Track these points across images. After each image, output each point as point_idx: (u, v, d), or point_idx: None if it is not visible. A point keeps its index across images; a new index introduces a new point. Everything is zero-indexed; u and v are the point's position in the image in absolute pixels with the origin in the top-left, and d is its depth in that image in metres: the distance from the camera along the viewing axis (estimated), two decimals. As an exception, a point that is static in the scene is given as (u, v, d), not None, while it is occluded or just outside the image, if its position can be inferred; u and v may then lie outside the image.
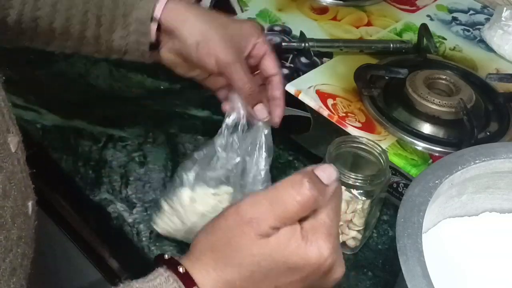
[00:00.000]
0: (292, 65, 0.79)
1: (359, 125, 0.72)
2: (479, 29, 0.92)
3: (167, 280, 0.42)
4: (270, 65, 0.64)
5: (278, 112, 0.66)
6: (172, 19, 0.60)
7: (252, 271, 0.42)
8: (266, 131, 0.65)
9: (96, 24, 0.62)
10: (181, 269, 0.42)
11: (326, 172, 0.44)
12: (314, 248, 0.42)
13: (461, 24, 0.93)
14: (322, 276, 0.44)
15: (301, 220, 0.43)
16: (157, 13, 0.61)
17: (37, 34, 0.61)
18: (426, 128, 0.73)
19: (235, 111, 0.63)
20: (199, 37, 0.60)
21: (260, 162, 0.64)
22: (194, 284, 0.41)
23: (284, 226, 0.42)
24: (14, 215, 0.50)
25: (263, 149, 0.65)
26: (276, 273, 0.42)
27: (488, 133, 0.74)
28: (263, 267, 0.42)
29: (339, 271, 0.45)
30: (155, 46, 0.63)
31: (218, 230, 0.43)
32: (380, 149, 0.66)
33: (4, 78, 0.51)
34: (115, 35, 0.62)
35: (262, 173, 0.64)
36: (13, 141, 0.52)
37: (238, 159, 0.63)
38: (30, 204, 0.55)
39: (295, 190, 0.42)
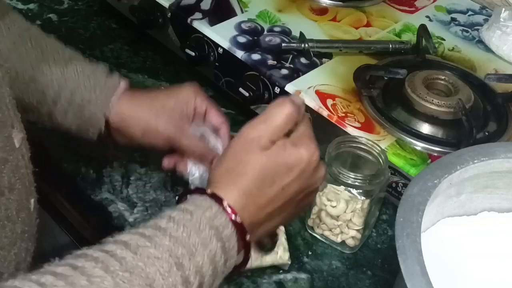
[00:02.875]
0: (291, 65, 0.80)
1: (358, 125, 0.72)
2: (477, 29, 0.92)
3: (204, 199, 0.50)
4: (214, 117, 0.69)
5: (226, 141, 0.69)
6: (118, 120, 0.66)
7: (263, 177, 0.52)
8: None
9: (51, 106, 0.66)
10: (208, 191, 0.51)
11: (296, 98, 0.56)
12: (304, 148, 0.53)
13: (460, 24, 0.94)
14: (313, 170, 0.54)
15: (288, 135, 0.54)
16: (107, 115, 0.66)
17: None
18: (425, 128, 0.73)
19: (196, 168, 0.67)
20: (143, 129, 0.66)
21: None
22: (221, 199, 0.50)
23: (278, 139, 0.53)
24: (19, 209, 0.52)
25: None
26: (281, 174, 0.52)
27: (487, 133, 0.74)
28: (270, 172, 0.52)
29: (323, 169, 0.56)
30: (104, 136, 0.68)
31: (228, 156, 0.53)
32: (379, 149, 0.66)
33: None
34: (67, 120, 0.67)
35: None
36: (17, 137, 0.53)
37: None
38: (32, 201, 0.56)
39: (281, 108, 0.53)
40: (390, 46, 0.85)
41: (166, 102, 0.67)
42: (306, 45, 0.81)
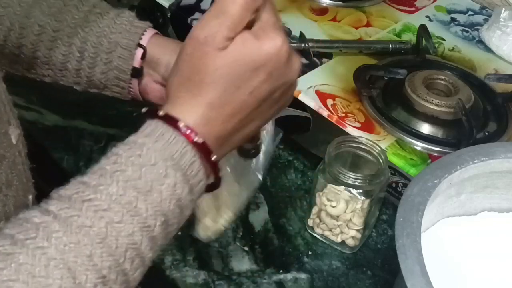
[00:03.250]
0: (292, 65, 0.79)
1: (358, 125, 0.72)
2: (477, 29, 0.92)
3: (156, 125, 0.45)
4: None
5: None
6: (155, 49, 0.62)
7: (224, 84, 0.45)
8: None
9: (78, 57, 0.63)
10: (160, 113, 0.45)
11: None
12: (268, 40, 0.45)
13: (459, 24, 0.94)
14: (284, 65, 0.47)
15: (249, 27, 0.46)
16: (143, 42, 0.62)
17: (19, 61, 0.61)
18: (425, 128, 0.73)
19: None
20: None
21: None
22: (176, 120, 0.44)
23: (236, 34, 0.45)
24: (17, 206, 0.52)
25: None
26: (245, 77, 0.45)
27: (487, 133, 0.74)
28: (232, 76, 0.45)
29: (297, 60, 0.48)
30: (136, 75, 0.63)
31: (182, 64, 0.46)
32: (379, 149, 0.66)
33: (4, 72, 0.51)
34: (96, 70, 0.63)
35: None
36: (14, 133, 0.53)
37: None
38: (30, 197, 0.56)
39: None
40: (390, 46, 0.85)
41: None
42: (306, 45, 0.81)
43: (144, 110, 0.46)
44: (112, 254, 0.41)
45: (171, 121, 0.45)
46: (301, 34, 0.83)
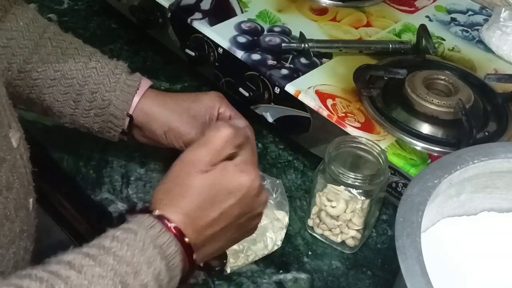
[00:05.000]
0: (291, 65, 0.80)
1: (358, 125, 0.72)
2: (477, 29, 0.92)
3: (147, 218, 0.50)
4: (239, 124, 0.68)
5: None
6: (141, 116, 0.68)
7: (202, 199, 0.52)
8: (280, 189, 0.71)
9: (73, 105, 0.67)
10: (156, 212, 0.50)
11: (235, 121, 0.59)
12: (245, 174, 0.53)
13: (459, 24, 0.94)
14: (253, 197, 0.54)
15: (232, 158, 0.54)
16: (131, 111, 0.67)
17: (13, 96, 0.63)
18: (425, 128, 0.73)
19: None
20: (165, 128, 0.67)
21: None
22: (164, 218, 0.50)
23: (218, 162, 0.53)
24: (17, 208, 0.52)
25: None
26: (220, 198, 0.52)
27: (487, 133, 0.74)
28: (209, 194, 0.52)
29: (265, 195, 0.56)
30: (126, 132, 0.69)
31: (169, 179, 0.53)
32: (379, 149, 0.66)
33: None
34: (89, 120, 0.68)
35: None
36: (15, 136, 0.53)
37: None
38: (31, 200, 0.56)
39: (219, 131, 0.53)
40: (390, 46, 0.85)
41: (191, 106, 0.68)
42: (306, 45, 0.81)
43: (131, 208, 0.55)
44: None
45: (160, 217, 0.50)
46: (301, 34, 0.83)
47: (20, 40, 0.65)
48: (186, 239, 0.50)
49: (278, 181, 0.72)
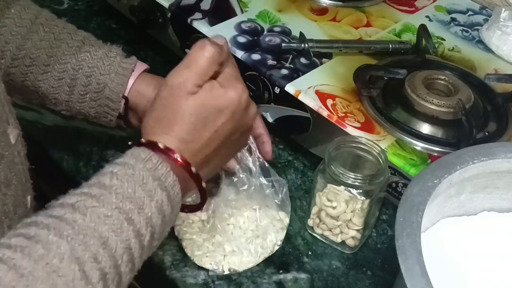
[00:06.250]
0: (291, 65, 0.80)
1: (358, 125, 0.72)
2: (477, 29, 0.92)
3: (142, 150, 0.50)
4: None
5: (267, 148, 0.70)
6: (137, 97, 0.67)
7: (194, 122, 0.52)
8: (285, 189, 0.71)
9: (68, 91, 0.67)
10: (142, 140, 0.51)
11: (217, 38, 0.57)
12: (232, 89, 0.54)
13: (459, 24, 0.94)
14: (243, 110, 0.55)
15: (215, 78, 0.54)
16: (126, 92, 0.67)
17: (8, 85, 0.62)
18: (425, 128, 0.73)
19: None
20: None
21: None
22: (156, 143, 0.51)
23: (204, 82, 0.53)
24: (16, 205, 0.52)
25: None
26: (212, 117, 0.53)
27: (487, 133, 0.74)
28: (200, 116, 0.52)
29: (254, 107, 0.57)
30: (122, 116, 0.69)
31: (157, 105, 0.53)
32: (379, 149, 0.66)
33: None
34: (85, 105, 0.67)
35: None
36: (13, 133, 0.53)
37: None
38: (29, 198, 0.56)
39: (202, 51, 0.53)
40: (390, 46, 0.85)
41: None
42: (306, 45, 0.81)
43: (130, 143, 0.53)
44: (112, 256, 0.44)
45: (154, 146, 0.51)
46: (301, 34, 0.83)
47: (12, 27, 0.65)
48: (193, 169, 0.51)
49: (283, 181, 0.72)
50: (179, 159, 0.51)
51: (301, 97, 0.75)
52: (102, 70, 0.66)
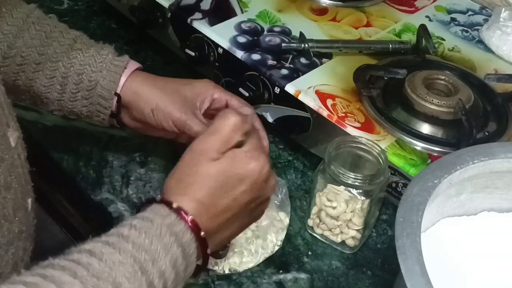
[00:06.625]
0: (291, 65, 0.80)
1: (358, 125, 0.72)
2: (477, 29, 0.92)
3: (161, 208, 0.51)
4: (236, 104, 0.68)
5: (264, 143, 0.69)
6: (129, 94, 0.67)
7: (213, 187, 0.52)
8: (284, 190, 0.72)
9: (60, 90, 0.66)
10: (164, 199, 0.52)
11: (242, 109, 0.60)
12: (254, 160, 0.54)
13: (459, 24, 0.94)
14: (263, 182, 0.55)
15: (240, 146, 0.55)
16: (118, 90, 0.67)
17: (4, 87, 0.63)
18: (425, 128, 0.73)
19: None
20: (153, 105, 0.66)
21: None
22: (175, 206, 0.51)
23: (227, 150, 0.54)
24: (16, 208, 0.52)
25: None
26: (231, 185, 0.53)
27: (487, 133, 0.74)
28: (220, 183, 0.53)
29: (273, 179, 0.57)
30: (115, 114, 0.68)
31: (180, 169, 0.54)
32: (379, 149, 0.66)
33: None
34: (77, 103, 0.67)
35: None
36: (13, 136, 0.53)
37: None
38: (29, 200, 0.56)
39: (225, 120, 0.54)
40: (390, 46, 0.85)
41: (182, 87, 0.68)
42: (306, 45, 0.81)
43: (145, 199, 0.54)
44: None
45: (169, 205, 0.51)
46: (301, 34, 0.83)
47: (4, 26, 0.65)
48: (202, 233, 0.51)
49: (283, 182, 0.72)
50: (189, 221, 0.51)
51: (301, 97, 0.75)
52: (94, 67, 0.66)
